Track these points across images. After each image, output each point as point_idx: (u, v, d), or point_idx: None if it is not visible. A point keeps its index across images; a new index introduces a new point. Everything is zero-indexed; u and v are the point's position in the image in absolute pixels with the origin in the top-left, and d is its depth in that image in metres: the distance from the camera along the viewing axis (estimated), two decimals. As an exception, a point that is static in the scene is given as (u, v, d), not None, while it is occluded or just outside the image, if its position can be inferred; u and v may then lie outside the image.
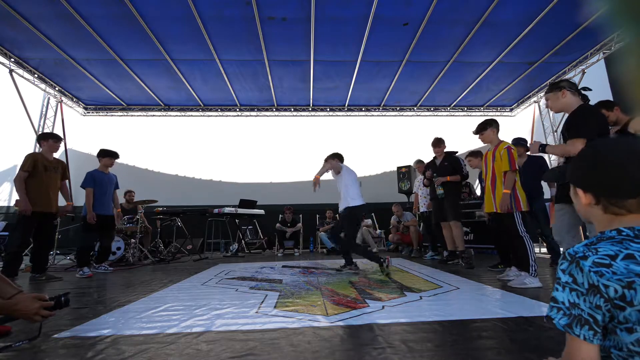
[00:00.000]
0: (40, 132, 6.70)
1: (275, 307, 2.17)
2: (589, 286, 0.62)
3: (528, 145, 3.64)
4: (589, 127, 1.89)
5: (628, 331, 0.59)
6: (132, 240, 5.32)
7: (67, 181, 3.95)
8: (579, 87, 2.17)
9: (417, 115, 8.31)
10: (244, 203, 6.42)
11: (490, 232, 4.32)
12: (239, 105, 7.74)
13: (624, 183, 0.66)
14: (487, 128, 3.44)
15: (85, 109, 7.63)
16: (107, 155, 4.32)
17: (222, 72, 6.18)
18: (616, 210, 0.68)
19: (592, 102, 3.18)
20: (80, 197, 7.66)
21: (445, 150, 4.53)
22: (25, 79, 5.99)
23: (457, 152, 4.64)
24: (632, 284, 0.58)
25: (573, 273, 0.64)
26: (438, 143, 4.50)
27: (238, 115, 8.05)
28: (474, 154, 4.02)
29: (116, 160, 4.48)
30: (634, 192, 0.65)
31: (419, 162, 5.39)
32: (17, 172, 3.52)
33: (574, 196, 0.78)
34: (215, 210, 5.87)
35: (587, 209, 0.73)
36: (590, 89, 2.18)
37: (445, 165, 4.35)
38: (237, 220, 6.58)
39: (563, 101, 2.15)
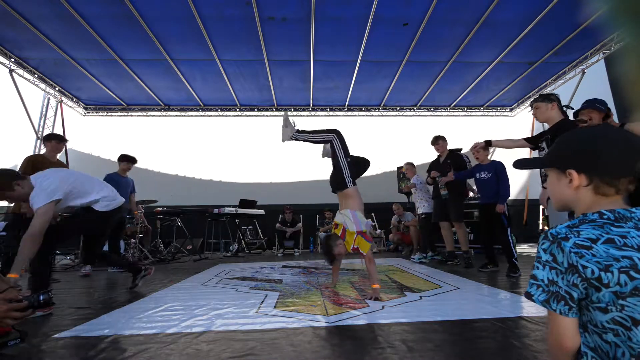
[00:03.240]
0: (40, 132, 6.73)
1: (275, 307, 2.17)
2: (568, 265, 0.65)
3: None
4: None
5: (601, 311, 0.63)
6: (132, 240, 5.32)
7: None
8: (563, 105, 2.43)
9: (417, 115, 8.31)
10: (244, 203, 6.41)
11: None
12: (239, 105, 7.74)
13: (620, 160, 0.68)
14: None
15: (85, 109, 7.63)
16: (125, 160, 4.57)
17: (222, 72, 6.18)
18: (606, 190, 0.69)
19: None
20: (80, 197, 7.65)
21: (448, 147, 4.40)
22: (25, 79, 5.99)
23: (461, 149, 4.49)
24: (610, 267, 0.61)
25: (554, 252, 0.67)
26: (437, 140, 4.40)
27: (238, 115, 8.05)
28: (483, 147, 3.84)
29: (116, 161, 4.60)
30: (628, 170, 0.68)
31: (409, 164, 5.16)
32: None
33: (557, 181, 0.78)
34: (215, 210, 5.87)
35: (574, 192, 0.73)
36: (572, 108, 2.37)
37: (447, 163, 4.24)
38: (237, 220, 6.58)
39: (551, 113, 2.38)
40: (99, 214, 2.48)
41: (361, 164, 2.86)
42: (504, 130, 8.51)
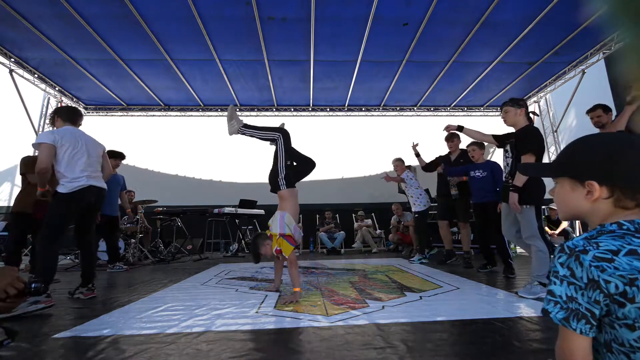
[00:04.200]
0: (40, 132, 6.73)
1: (275, 307, 2.17)
2: (588, 281, 0.60)
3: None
4: (535, 145, 2.44)
5: (629, 328, 0.58)
6: (132, 240, 5.32)
7: None
8: (530, 111, 2.65)
9: (417, 115, 8.31)
10: (244, 203, 6.41)
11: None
12: (239, 105, 7.75)
13: None
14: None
15: (85, 109, 7.63)
16: (112, 157, 4.40)
17: (222, 72, 6.18)
18: (628, 204, 0.65)
19: (591, 103, 3.30)
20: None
21: (460, 146, 4.30)
22: (25, 79, 5.99)
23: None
24: (635, 281, 0.56)
25: (572, 267, 0.63)
26: (452, 137, 4.27)
27: (238, 115, 8.05)
28: (479, 144, 3.80)
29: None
30: None
31: (399, 160, 5.00)
32: (17, 175, 3.60)
33: (570, 192, 0.72)
34: (215, 210, 5.87)
35: (591, 204, 0.68)
36: (537, 115, 2.59)
37: (461, 162, 4.15)
38: (237, 220, 6.57)
39: (518, 118, 2.58)
40: (60, 196, 2.55)
41: (307, 165, 2.97)
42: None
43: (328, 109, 8.01)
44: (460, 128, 3.22)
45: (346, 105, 7.85)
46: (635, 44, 0.39)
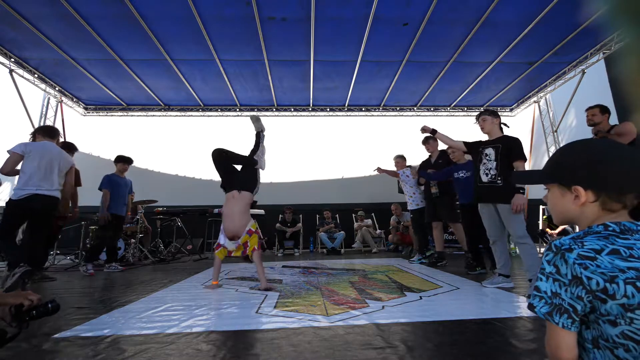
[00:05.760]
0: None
1: (275, 307, 2.17)
2: (572, 277, 0.63)
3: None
4: (524, 153, 2.70)
5: (611, 324, 0.61)
6: (132, 240, 5.32)
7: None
8: (501, 122, 2.93)
9: (417, 115, 8.30)
10: (244, 203, 6.41)
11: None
12: (239, 105, 7.74)
13: (629, 177, 0.67)
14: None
15: (86, 109, 7.63)
16: (121, 161, 4.66)
17: (222, 72, 6.18)
18: (613, 206, 0.68)
19: (591, 103, 3.33)
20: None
21: (439, 148, 4.39)
22: (25, 79, 5.99)
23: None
24: (615, 279, 0.60)
25: (557, 264, 0.66)
26: (427, 140, 4.38)
27: (238, 115, 8.05)
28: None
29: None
30: (637, 187, 0.67)
31: (400, 157, 5.12)
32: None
33: (560, 197, 0.75)
34: (216, 210, 5.87)
35: (579, 208, 0.71)
36: (508, 126, 2.91)
37: (440, 163, 4.24)
38: (237, 220, 6.57)
39: (494, 127, 2.84)
40: (10, 202, 2.93)
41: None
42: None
43: (328, 109, 8.00)
44: (434, 132, 3.25)
45: (346, 105, 7.85)
46: (635, 44, 0.39)
